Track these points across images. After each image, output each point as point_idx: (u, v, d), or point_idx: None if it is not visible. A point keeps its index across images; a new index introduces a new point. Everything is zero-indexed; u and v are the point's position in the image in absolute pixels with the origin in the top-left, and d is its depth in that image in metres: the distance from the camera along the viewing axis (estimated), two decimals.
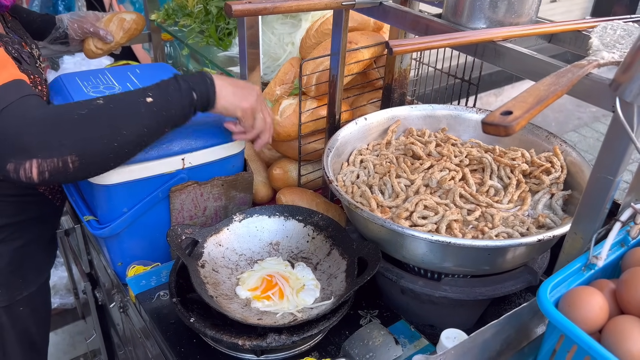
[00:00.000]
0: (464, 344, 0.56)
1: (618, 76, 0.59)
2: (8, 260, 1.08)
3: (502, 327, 0.60)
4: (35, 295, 1.15)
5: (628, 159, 0.63)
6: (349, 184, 1.00)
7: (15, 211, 1.07)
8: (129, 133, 0.82)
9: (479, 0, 0.76)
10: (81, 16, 1.42)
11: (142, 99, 0.84)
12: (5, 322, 1.10)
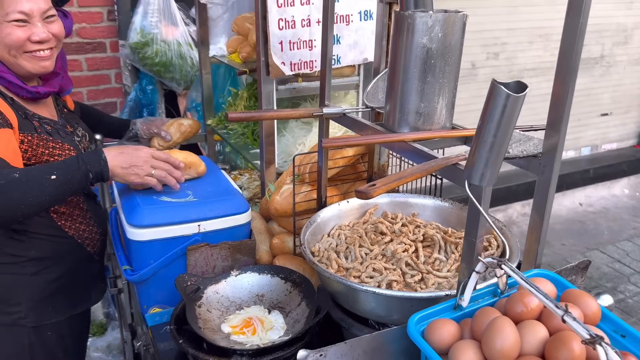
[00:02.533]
0: (341, 345, 0.78)
1: (467, 164, 0.84)
2: (40, 290, 1.39)
3: (368, 342, 0.82)
4: (64, 324, 1.44)
5: (483, 225, 0.86)
6: (322, 250, 1.25)
7: (48, 248, 1.40)
8: (34, 201, 1.16)
9: (400, 113, 1.05)
10: (151, 120, 1.85)
11: (47, 176, 1.18)
12: (34, 341, 1.40)
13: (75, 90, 2.57)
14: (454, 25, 0.99)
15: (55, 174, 1.19)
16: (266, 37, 1.43)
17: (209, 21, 1.96)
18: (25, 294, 1.40)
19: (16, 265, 1.38)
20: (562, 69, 0.85)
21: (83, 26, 2.50)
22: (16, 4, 1.26)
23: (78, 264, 1.49)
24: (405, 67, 1.02)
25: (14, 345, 1.41)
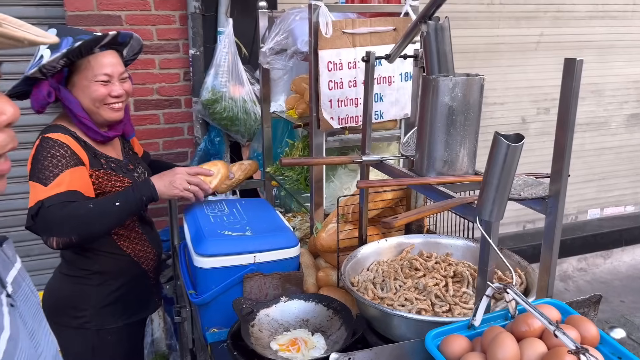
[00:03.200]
0: (367, 352, 0.93)
1: (477, 202, 0.99)
2: (102, 298, 1.72)
3: (391, 351, 0.96)
4: (123, 330, 1.76)
5: (493, 255, 0.99)
6: (361, 281, 1.41)
7: (109, 264, 1.74)
8: (105, 224, 1.59)
9: (428, 160, 1.22)
10: None
11: (113, 204, 1.58)
12: (97, 344, 1.71)
13: (152, 141, 2.91)
14: (473, 87, 1.16)
15: (119, 201, 1.59)
16: (317, 96, 1.66)
17: (270, 82, 2.23)
18: (91, 301, 1.72)
19: (84, 278, 1.73)
20: (561, 126, 0.99)
21: (162, 85, 2.87)
22: (103, 68, 1.63)
23: (134, 278, 1.81)
24: (431, 121, 1.19)
25: (81, 346, 1.72)
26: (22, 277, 0.92)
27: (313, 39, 1.61)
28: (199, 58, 2.82)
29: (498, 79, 3.79)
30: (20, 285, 0.90)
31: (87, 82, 1.63)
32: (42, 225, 1.51)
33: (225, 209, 1.75)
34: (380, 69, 1.73)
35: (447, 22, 1.20)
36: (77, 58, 1.60)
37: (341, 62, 1.66)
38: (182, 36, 2.84)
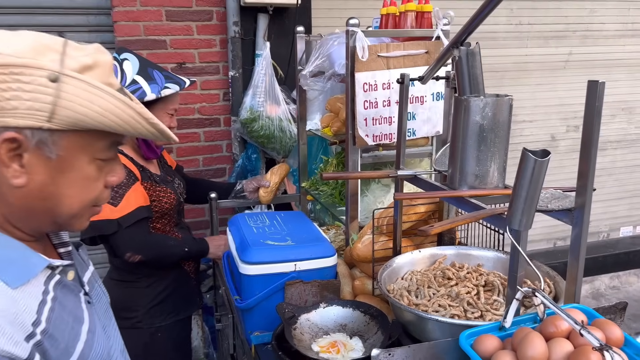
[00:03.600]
0: (405, 348, 1.02)
1: (507, 213, 1.08)
2: (151, 299, 1.92)
3: (427, 349, 1.04)
4: (173, 327, 1.97)
5: (522, 262, 1.07)
6: (396, 289, 1.49)
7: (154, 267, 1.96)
8: (173, 259, 1.96)
9: (460, 175, 1.31)
10: (252, 178, 2.32)
11: (183, 249, 1.96)
12: (149, 341, 1.90)
13: (193, 158, 3.07)
14: (502, 106, 1.26)
15: (187, 248, 1.98)
16: (354, 115, 1.77)
17: (307, 101, 2.36)
18: (141, 302, 1.92)
19: (134, 282, 1.93)
20: (586, 144, 1.07)
21: (203, 105, 3.03)
22: (173, 104, 1.98)
23: (178, 278, 2.03)
24: (463, 138, 1.29)
25: (134, 344, 1.89)
26: (94, 278, 1.06)
27: (350, 62, 1.73)
28: (238, 79, 2.97)
29: (527, 97, 3.85)
30: (94, 286, 1.04)
31: (161, 112, 1.91)
32: (124, 242, 1.79)
33: (267, 221, 1.86)
34: (413, 90, 1.83)
35: (478, 47, 1.29)
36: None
37: (376, 84, 1.77)
38: (222, 59, 3.00)
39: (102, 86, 0.77)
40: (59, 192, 0.82)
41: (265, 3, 2.85)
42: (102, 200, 0.89)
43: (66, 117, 0.75)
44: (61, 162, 0.80)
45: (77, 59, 0.76)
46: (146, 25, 2.84)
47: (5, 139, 0.74)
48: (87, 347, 0.89)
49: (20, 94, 0.73)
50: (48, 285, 0.85)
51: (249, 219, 1.88)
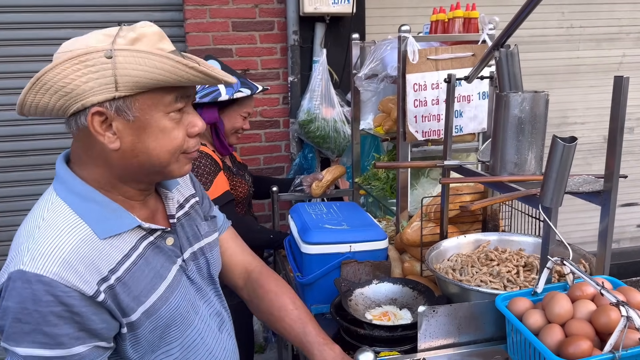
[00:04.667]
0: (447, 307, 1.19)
1: (540, 192, 1.23)
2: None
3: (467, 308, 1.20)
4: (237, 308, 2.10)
5: (553, 236, 1.22)
6: (442, 268, 1.65)
7: None
8: (260, 244, 2.18)
9: (501, 163, 1.47)
10: (311, 174, 2.51)
11: (269, 235, 2.20)
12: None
13: (255, 157, 3.32)
14: (539, 101, 1.40)
15: (273, 236, 2.25)
16: (404, 113, 1.94)
17: (360, 103, 2.55)
18: None
19: None
20: (612, 136, 1.21)
21: (264, 108, 3.28)
22: (248, 108, 2.23)
23: None
24: (503, 130, 1.44)
25: None
26: (207, 249, 1.23)
27: (401, 65, 1.91)
28: (296, 84, 3.21)
29: (579, 99, 3.88)
30: (198, 258, 1.20)
31: (235, 113, 2.19)
32: None
33: (324, 209, 2.06)
34: (460, 89, 1.99)
35: (516, 49, 1.45)
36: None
37: (425, 84, 1.94)
38: (282, 65, 3.25)
39: (148, 50, 0.92)
40: (146, 146, 0.98)
41: (322, 13, 3.07)
42: (190, 148, 1.04)
43: (126, 82, 0.92)
44: (140, 122, 0.96)
45: (125, 37, 0.93)
46: (214, 36, 3.13)
47: (93, 114, 0.93)
48: (160, 300, 1.05)
49: (91, 76, 0.91)
50: (140, 244, 1.03)
51: (308, 207, 2.09)
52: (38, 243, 0.92)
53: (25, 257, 0.91)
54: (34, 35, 3.02)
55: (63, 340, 0.90)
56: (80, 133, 0.98)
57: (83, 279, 0.92)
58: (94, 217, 0.98)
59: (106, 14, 3.09)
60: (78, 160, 1.03)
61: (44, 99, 0.94)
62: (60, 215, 0.97)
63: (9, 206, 3.19)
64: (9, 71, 3.03)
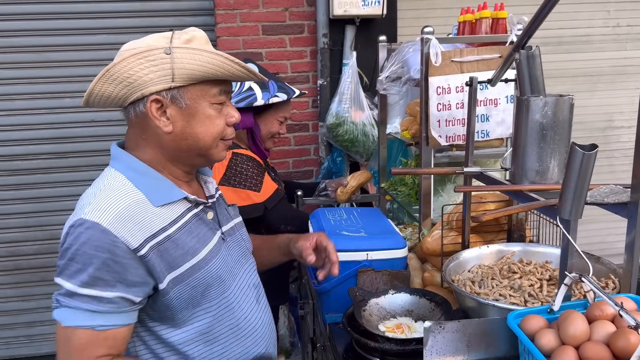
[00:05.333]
0: (455, 323, 1.13)
1: (558, 203, 1.15)
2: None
3: (477, 325, 1.14)
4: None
5: (572, 249, 1.14)
6: (461, 279, 1.58)
7: None
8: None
9: (522, 171, 1.39)
10: (336, 179, 2.46)
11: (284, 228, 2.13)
12: None
13: (284, 160, 3.32)
14: (562, 106, 1.32)
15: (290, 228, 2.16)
16: (427, 117, 1.88)
17: (387, 106, 2.50)
18: None
19: None
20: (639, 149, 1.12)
21: (294, 112, 3.26)
22: (285, 112, 2.23)
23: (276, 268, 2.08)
24: (524, 136, 1.36)
25: None
26: (237, 228, 1.42)
27: (424, 67, 1.85)
28: (326, 87, 3.18)
29: (625, 102, 3.68)
30: (234, 233, 1.39)
31: (272, 118, 2.19)
32: (277, 218, 2.09)
33: (344, 215, 2.02)
34: (487, 92, 1.91)
35: (538, 50, 1.37)
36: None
37: (449, 87, 1.87)
38: (312, 69, 3.23)
39: (200, 48, 1.11)
40: (194, 130, 1.17)
41: (352, 15, 3.03)
42: (227, 135, 1.23)
43: (182, 75, 1.10)
44: (190, 109, 1.15)
45: (180, 38, 1.12)
46: (245, 39, 3.14)
47: (152, 101, 1.12)
48: (203, 261, 1.21)
49: (152, 69, 1.10)
50: (187, 214, 1.22)
51: (328, 213, 2.05)
52: (98, 200, 1.10)
53: (87, 209, 1.09)
54: (71, 41, 3.12)
55: (100, 284, 1.06)
56: (137, 119, 1.16)
57: (131, 233, 1.08)
58: (148, 187, 1.16)
59: (141, 19, 3.16)
60: (134, 144, 1.20)
61: (110, 88, 1.12)
62: (118, 182, 1.15)
63: (49, 206, 3.31)
64: (49, 76, 3.14)
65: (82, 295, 1.05)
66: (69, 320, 1.06)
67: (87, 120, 3.18)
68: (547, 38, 3.62)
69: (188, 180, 1.28)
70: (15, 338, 3.41)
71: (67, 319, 1.06)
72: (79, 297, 1.06)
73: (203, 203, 1.28)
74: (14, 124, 3.19)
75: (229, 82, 1.21)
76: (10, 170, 3.23)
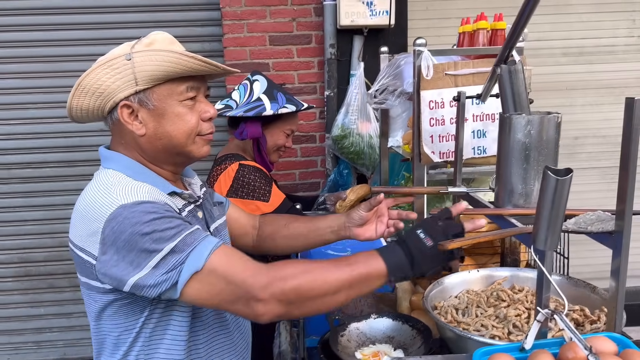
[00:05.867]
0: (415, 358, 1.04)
1: (532, 232, 1.05)
2: None
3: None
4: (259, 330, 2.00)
5: (548, 284, 1.04)
6: (445, 306, 1.49)
7: None
8: None
9: (504, 193, 1.30)
10: (335, 193, 2.39)
11: None
12: None
13: (290, 172, 3.27)
14: (546, 124, 1.22)
15: None
16: (419, 132, 1.80)
17: (389, 119, 2.42)
18: None
19: None
20: (624, 165, 1.02)
21: (301, 123, 3.21)
22: (292, 125, 2.22)
23: None
24: (506, 156, 1.27)
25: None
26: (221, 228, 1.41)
27: (416, 80, 1.77)
28: (333, 98, 3.12)
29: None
30: (219, 233, 1.39)
31: (278, 130, 2.17)
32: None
33: None
34: (483, 107, 1.81)
35: (520, 64, 1.28)
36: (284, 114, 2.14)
37: (443, 101, 1.78)
38: (319, 79, 3.18)
39: (158, 48, 1.12)
40: (166, 130, 1.18)
41: (359, 25, 2.97)
42: (203, 130, 1.22)
43: (143, 77, 1.12)
44: (158, 110, 1.16)
45: (141, 43, 1.14)
46: (252, 50, 3.12)
47: (122, 107, 1.15)
48: None
49: (117, 76, 1.13)
50: (185, 209, 1.24)
51: None
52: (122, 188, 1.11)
53: (119, 197, 1.09)
54: (82, 52, 3.16)
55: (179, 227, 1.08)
56: (114, 126, 1.21)
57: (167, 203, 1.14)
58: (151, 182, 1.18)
59: (150, 30, 3.17)
60: (118, 149, 1.23)
61: (85, 101, 1.16)
62: (122, 177, 1.16)
63: (60, 214, 3.35)
64: (61, 85, 3.19)
65: (186, 236, 1.07)
66: (198, 261, 1.05)
67: (97, 130, 3.22)
68: (568, 48, 3.48)
69: (175, 181, 1.30)
70: (24, 344, 3.46)
71: (196, 263, 1.06)
72: (188, 242, 1.07)
73: (195, 201, 1.30)
74: (28, 132, 3.25)
75: (198, 78, 1.20)
76: (22, 177, 3.29)
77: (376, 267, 1.11)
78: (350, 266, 1.10)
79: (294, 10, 3.09)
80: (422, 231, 1.13)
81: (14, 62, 3.17)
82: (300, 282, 1.06)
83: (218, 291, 1.06)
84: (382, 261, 1.11)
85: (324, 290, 1.07)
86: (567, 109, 3.54)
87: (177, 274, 1.04)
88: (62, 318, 3.45)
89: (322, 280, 1.07)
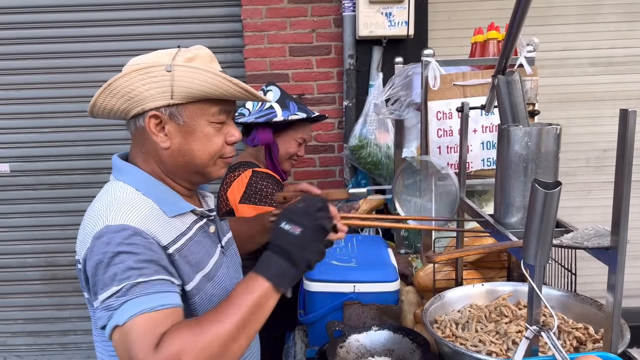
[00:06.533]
0: None
1: (522, 247, 1.03)
2: None
3: None
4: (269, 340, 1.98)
5: (539, 300, 1.01)
6: (446, 320, 1.46)
7: None
8: None
9: (503, 206, 1.27)
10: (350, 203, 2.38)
11: None
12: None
13: (308, 181, 3.26)
14: (545, 136, 1.19)
15: None
16: (427, 143, 1.78)
17: (404, 130, 2.40)
18: None
19: None
20: (618, 180, 0.98)
21: (319, 133, 3.23)
22: (304, 134, 2.21)
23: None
24: (504, 167, 1.25)
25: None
26: (231, 242, 1.42)
27: (424, 91, 1.76)
28: (351, 109, 3.13)
29: None
30: (230, 246, 1.40)
31: (290, 138, 2.17)
32: None
33: (342, 242, 1.95)
34: (492, 118, 1.79)
35: (517, 75, 1.25)
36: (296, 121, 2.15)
37: (451, 112, 1.77)
38: (338, 90, 3.19)
39: (200, 67, 1.11)
40: (191, 147, 1.17)
41: (378, 36, 2.97)
42: (226, 153, 1.22)
43: (180, 92, 1.11)
44: (188, 126, 1.15)
45: (183, 55, 1.13)
46: (272, 61, 3.16)
47: (150, 117, 1.13)
48: (211, 272, 1.23)
49: (152, 85, 1.11)
50: (193, 226, 1.23)
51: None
52: (117, 208, 1.08)
53: (110, 216, 1.06)
54: (107, 62, 3.27)
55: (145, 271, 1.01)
56: (137, 133, 1.18)
57: (158, 232, 1.09)
58: (159, 198, 1.16)
59: (173, 42, 3.26)
60: (136, 157, 1.21)
61: (112, 102, 1.14)
62: (129, 193, 1.14)
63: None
64: (86, 95, 3.29)
65: (133, 285, 0.98)
66: (124, 315, 0.97)
67: (122, 138, 3.31)
68: (596, 58, 3.39)
69: (190, 195, 1.29)
70: (49, 345, 3.57)
71: (122, 316, 0.97)
72: (130, 291, 0.98)
73: (207, 216, 1.30)
74: (56, 140, 3.37)
75: (230, 102, 1.20)
76: (50, 184, 3.41)
77: (259, 289, 1.03)
78: (235, 304, 1.01)
79: (313, 21, 3.12)
80: (285, 223, 1.09)
81: (45, 73, 3.30)
82: (196, 354, 0.93)
83: (120, 354, 0.99)
84: (262, 278, 1.04)
85: (222, 345, 0.97)
86: (594, 121, 3.44)
87: (107, 317, 1.00)
88: (86, 321, 3.54)
89: (214, 337, 0.96)
